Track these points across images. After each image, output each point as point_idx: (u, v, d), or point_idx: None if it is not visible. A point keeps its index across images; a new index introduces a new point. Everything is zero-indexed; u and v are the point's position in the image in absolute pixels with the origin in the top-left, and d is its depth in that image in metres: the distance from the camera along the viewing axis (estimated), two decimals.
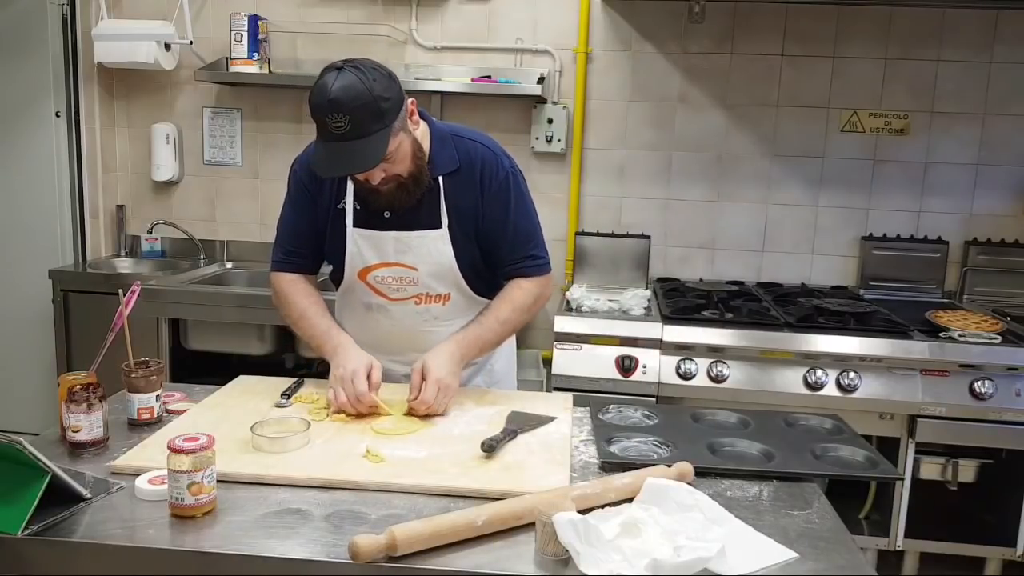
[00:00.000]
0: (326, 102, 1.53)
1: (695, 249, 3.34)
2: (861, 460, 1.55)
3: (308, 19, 3.33)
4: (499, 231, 1.81)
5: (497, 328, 1.81)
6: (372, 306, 1.86)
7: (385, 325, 1.85)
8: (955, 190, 3.18)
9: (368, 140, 1.56)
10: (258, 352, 3.00)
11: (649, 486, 1.28)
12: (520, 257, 1.84)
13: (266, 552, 1.15)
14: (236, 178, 3.53)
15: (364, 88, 1.54)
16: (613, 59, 3.25)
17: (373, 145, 1.57)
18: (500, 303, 1.83)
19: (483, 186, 1.78)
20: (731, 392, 2.53)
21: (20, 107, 3.36)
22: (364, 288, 1.84)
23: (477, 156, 1.79)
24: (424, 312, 1.83)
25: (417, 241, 1.78)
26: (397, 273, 1.80)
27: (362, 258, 1.81)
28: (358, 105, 1.53)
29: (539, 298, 1.87)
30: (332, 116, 1.53)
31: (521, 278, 1.85)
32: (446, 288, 1.83)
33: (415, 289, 1.82)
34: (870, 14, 3.11)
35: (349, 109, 1.53)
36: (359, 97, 1.53)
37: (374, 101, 1.55)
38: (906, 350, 2.53)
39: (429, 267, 1.80)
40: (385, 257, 1.80)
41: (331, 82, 1.54)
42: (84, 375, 1.53)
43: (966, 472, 2.62)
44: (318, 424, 1.59)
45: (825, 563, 1.17)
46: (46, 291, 3.21)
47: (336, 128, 1.54)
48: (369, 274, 1.82)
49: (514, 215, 1.81)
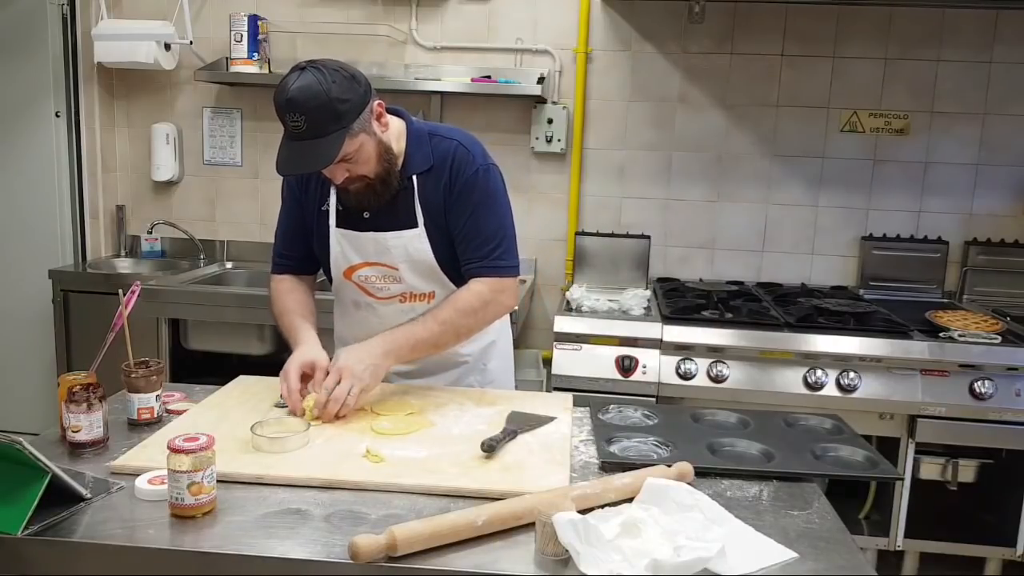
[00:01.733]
0: (284, 101, 1.56)
1: (695, 249, 3.34)
2: (861, 460, 1.55)
3: (308, 19, 3.33)
4: (461, 227, 1.77)
5: (435, 328, 1.71)
6: (361, 304, 1.87)
7: (373, 323, 1.84)
8: (955, 190, 3.18)
9: (324, 140, 1.57)
10: (258, 352, 2.99)
11: (649, 486, 1.28)
12: (479, 256, 1.78)
13: (266, 552, 1.14)
14: (236, 178, 3.53)
15: (321, 89, 1.55)
16: (613, 59, 3.25)
17: (327, 145, 1.58)
18: (444, 305, 1.75)
19: (451, 182, 1.76)
20: (731, 392, 2.54)
21: (20, 107, 3.36)
22: (352, 287, 1.86)
23: (449, 153, 1.77)
24: (410, 311, 1.81)
25: (394, 241, 1.78)
26: (380, 272, 1.82)
27: (346, 258, 1.83)
28: (314, 106, 1.54)
29: (491, 303, 1.78)
30: (290, 115, 1.55)
31: (476, 279, 1.78)
32: (430, 286, 1.82)
33: (399, 288, 1.82)
34: (870, 14, 3.11)
35: (305, 109, 1.54)
36: (315, 98, 1.54)
37: (330, 103, 1.55)
38: (906, 350, 2.53)
39: (409, 266, 1.80)
40: (367, 257, 1.81)
41: (291, 82, 1.56)
42: (84, 375, 1.52)
43: (966, 472, 2.62)
44: (318, 424, 1.58)
45: (825, 563, 1.17)
46: (46, 291, 3.21)
47: (294, 127, 1.56)
48: (354, 273, 1.84)
49: (479, 212, 1.77)
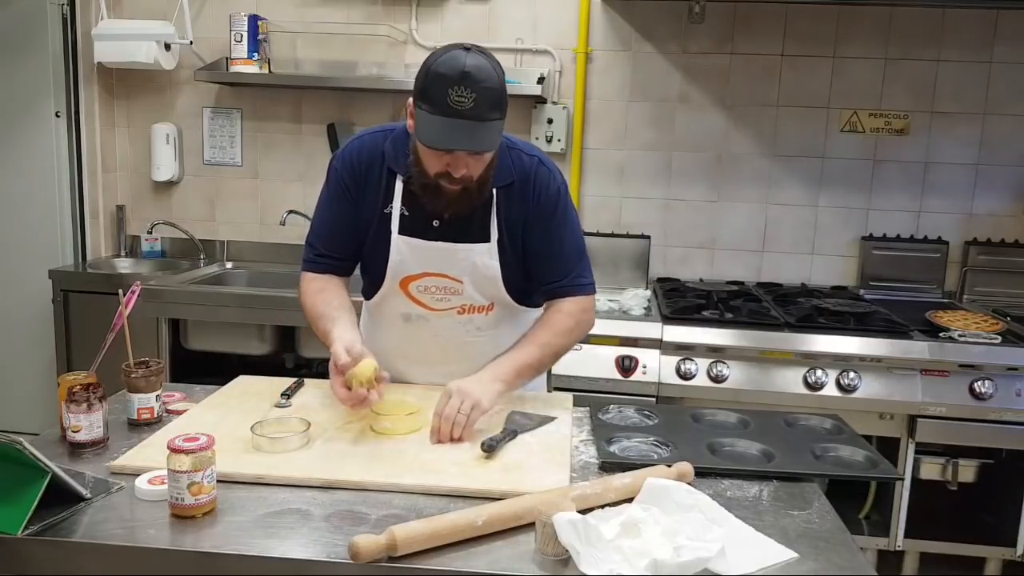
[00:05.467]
0: (458, 73, 1.46)
1: (695, 249, 3.34)
2: (861, 460, 1.55)
3: (308, 19, 3.33)
4: (547, 247, 1.74)
5: (536, 352, 1.71)
6: (412, 317, 1.79)
7: (425, 336, 1.79)
8: (955, 190, 3.18)
9: (484, 124, 1.51)
10: (258, 352, 2.99)
11: (649, 486, 1.28)
12: (564, 275, 1.76)
13: (266, 552, 1.15)
14: (236, 178, 3.53)
15: (495, 73, 1.50)
16: (613, 59, 3.25)
17: (489, 130, 1.52)
18: (539, 328, 1.74)
19: (534, 200, 1.72)
20: (731, 392, 2.54)
21: (20, 107, 3.36)
22: (403, 298, 1.77)
23: (532, 170, 1.72)
24: (467, 323, 1.77)
25: (464, 254, 1.71)
26: (441, 284, 1.74)
27: (405, 267, 1.73)
28: (486, 87, 1.48)
29: (580, 323, 1.77)
30: (458, 89, 1.46)
31: (563, 298, 1.76)
32: (489, 300, 1.77)
33: (459, 300, 1.75)
34: (870, 14, 3.11)
35: (478, 88, 1.47)
36: (489, 79, 1.49)
37: (500, 89, 1.51)
38: (906, 350, 2.53)
39: (473, 280, 1.73)
40: (429, 267, 1.73)
41: (464, 58, 1.48)
42: (84, 375, 1.52)
43: (966, 472, 2.62)
44: (318, 424, 1.58)
45: (825, 563, 1.17)
46: (46, 291, 3.21)
47: (458, 103, 1.47)
48: (411, 283, 1.75)
49: (561, 231, 1.75)
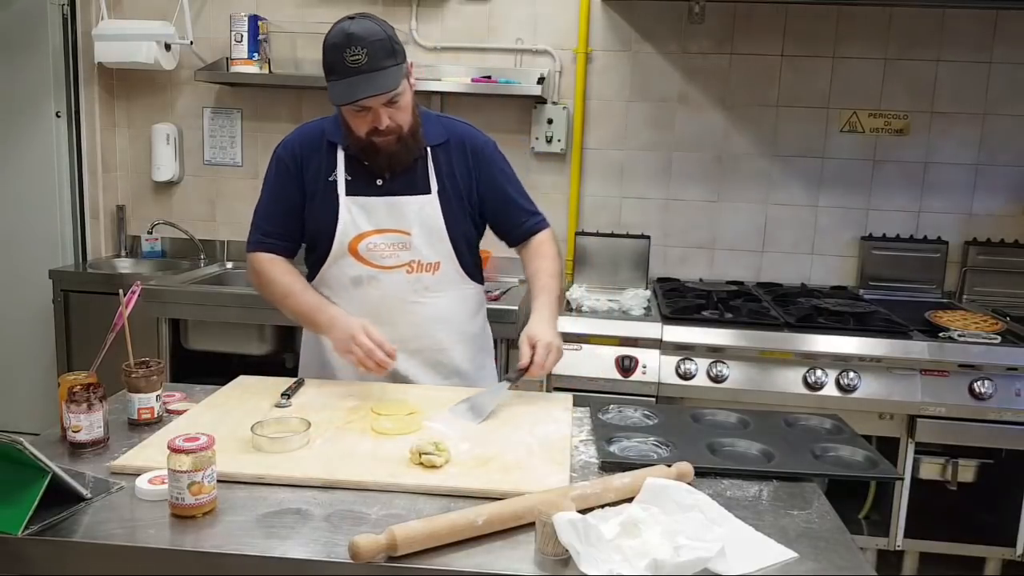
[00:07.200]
0: (344, 36, 1.66)
1: (695, 249, 3.34)
2: (861, 460, 1.55)
3: (308, 19, 3.33)
4: (502, 192, 1.95)
5: (556, 284, 1.91)
6: (361, 279, 1.88)
7: (374, 297, 1.88)
8: (955, 190, 3.18)
9: (382, 72, 1.68)
10: (258, 352, 3.00)
11: (649, 486, 1.28)
12: (526, 215, 1.98)
13: (266, 552, 1.15)
14: (236, 178, 3.53)
15: (379, 28, 1.70)
16: (613, 59, 3.25)
17: (386, 76, 1.69)
18: (540, 263, 1.93)
19: (474, 155, 1.91)
20: (731, 392, 2.53)
21: (20, 107, 3.37)
22: (352, 261, 1.87)
23: (461, 131, 1.94)
24: (415, 281, 1.88)
25: (409, 206, 1.85)
26: (390, 239, 1.86)
27: (356, 225, 1.85)
28: (374, 39, 1.67)
29: (557, 249, 2.00)
30: (350, 50, 1.65)
31: (534, 235, 1.97)
32: (436, 256, 1.89)
33: (407, 255, 1.87)
34: (870, 14, 3.11)
35: (366, 43, 1.66)
36: (375, 34, 1.68)
37: (389, 40, 1.70)
38: (906, 350, 2.53)
39: (421, 231, 1.86)
40: (379, 223, 1.86)
41: (347, 24, 1.68)
42: (84, 375, 1.53)
43: (966, 472, 2.62)
44: (318, 424, 1.58)
45: (825, 563, 1.17)
46: (46, 291, 3.21)
47: (353, 61, 1.66)
48: (361, 242, 1.86)
49: (508, 179, 1.97)
